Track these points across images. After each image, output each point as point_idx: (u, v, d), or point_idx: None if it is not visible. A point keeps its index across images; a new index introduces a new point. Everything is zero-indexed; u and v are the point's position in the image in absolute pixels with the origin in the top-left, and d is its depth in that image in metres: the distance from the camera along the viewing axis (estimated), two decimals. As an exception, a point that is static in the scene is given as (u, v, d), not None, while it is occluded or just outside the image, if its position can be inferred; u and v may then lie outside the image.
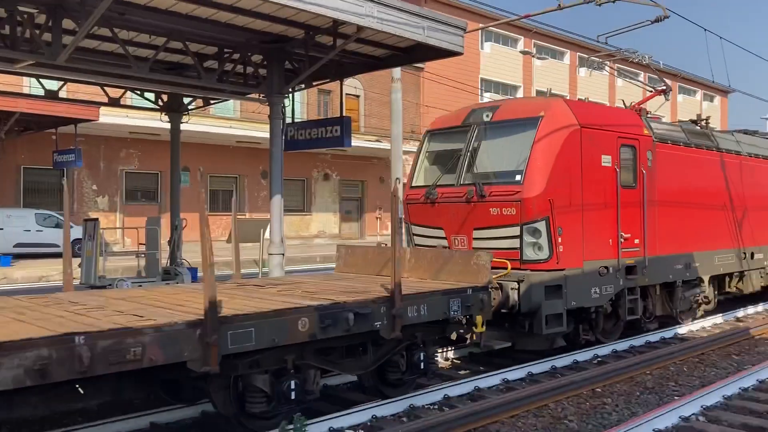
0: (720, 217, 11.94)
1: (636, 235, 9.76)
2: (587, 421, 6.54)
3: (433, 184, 9.61)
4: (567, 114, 9.03)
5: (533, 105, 9.45)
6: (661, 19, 12.00)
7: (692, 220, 11.09)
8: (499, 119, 9.35)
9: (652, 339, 10.35)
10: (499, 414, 6.43)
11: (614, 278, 9.34)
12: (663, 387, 7.79)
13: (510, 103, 10.20)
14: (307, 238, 31.55)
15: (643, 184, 9.91)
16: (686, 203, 10.96)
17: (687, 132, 11.63)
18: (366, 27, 9.01)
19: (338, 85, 12.88)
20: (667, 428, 6.11)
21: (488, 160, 9.25)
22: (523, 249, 8.58)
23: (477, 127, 9.46)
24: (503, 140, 9.22)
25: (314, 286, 7.35)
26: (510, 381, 7.83)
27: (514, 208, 8.58)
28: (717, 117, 65.89)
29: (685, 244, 10.85)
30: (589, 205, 9.02)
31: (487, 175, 9.07)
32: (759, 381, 7.75)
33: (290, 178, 31.01)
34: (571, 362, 8.76)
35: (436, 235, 9.45)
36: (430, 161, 10.18)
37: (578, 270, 8.80)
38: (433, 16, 9.78)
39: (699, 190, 11.37)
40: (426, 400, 6.94)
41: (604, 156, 9.30)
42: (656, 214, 10.17)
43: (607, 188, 9.32)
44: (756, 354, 9.59)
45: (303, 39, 10.58)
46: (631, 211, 9.67)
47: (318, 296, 6.41)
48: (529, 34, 44.96)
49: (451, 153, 9.73)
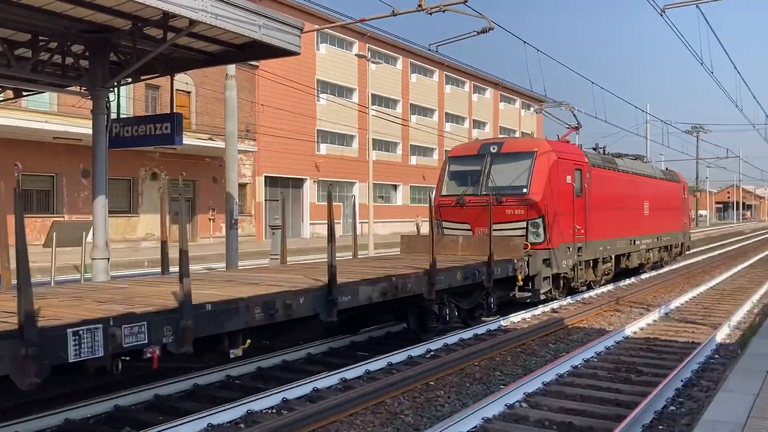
0: (621, 216, 17.07)
1: (582, 227, 14.62)
2: (422, 414, 6.77)
3: (461, 194, 13.76)
4: (550, 150, 13.68)
5: (528, 143, 14.27)
6: (487, 30, 12.77)
7: (607, 218, 16.04)
8: (505, 151, 13.76)
9: (480, 332, 10.97)
10: (338, 414, 6.48)
11: (573, 254, 14.19)
12: (490, 377, 8.27)
13: (510, 141, 14.54)
14: (134, 240, 29.85)
15: (586, 194, 14.83)
16: (605, 207, 15.94)
17: (602, 159, 16.61)
18: (199, 21, 8.69)
19: (168, 80, 12.31)
20: (495, 416, 6.50)
21: (500, 178, 13.52)
22: (528, 236, 12.99)
23: (489, 156, 13.75)
24: (510, 165, 13.55)
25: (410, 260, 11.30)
26: (348, 380, 7.91)
27: (523, 210, 13.06)
28: (534, 125, 71.36)
29: (604, 234, 15.86)
30: (561, 208, 13.66)
31: (501, 188, 13.35)
32: (573, 367, 8.49)
33: (115, 178, 29.18)
34: (406, 358, 9.04)
35: (462, 228, 13.55)
36: (452, 178, 14.37)
37: (557, 249, 13.41)
38: (269, 15, 9.64)
39: (611, 197, 16.41)
40: (264, 404, 6.82)
41: (567, 176, 14.06)
42: (591, 213, 15.02)
43: (569, 197, 14.09)
44: (570, 342, 10.48)
45: (130, 30, 9.99)
46: (580, 212, 14.56)
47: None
48: (364, 39, 45.91)
49: (470, 172, 13.94)
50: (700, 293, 16.06)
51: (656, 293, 16.12)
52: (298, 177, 40.73)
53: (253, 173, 36.64)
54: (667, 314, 12.92)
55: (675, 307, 13.67)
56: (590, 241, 14.93)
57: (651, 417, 6.44)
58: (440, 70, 55.21)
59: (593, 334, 10.93)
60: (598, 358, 9.11)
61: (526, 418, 6.50)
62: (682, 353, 9.27)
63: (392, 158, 50.33)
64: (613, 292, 16.18)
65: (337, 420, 6.42)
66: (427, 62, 53.34)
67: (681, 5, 13.45)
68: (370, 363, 8.51)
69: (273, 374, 8.34)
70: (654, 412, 6.57)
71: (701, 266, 23.23)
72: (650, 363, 8.81)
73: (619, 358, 9.08)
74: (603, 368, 8.53)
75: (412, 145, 52.51)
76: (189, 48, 10.96)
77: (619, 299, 14.36)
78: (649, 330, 11.33)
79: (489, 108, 63.26)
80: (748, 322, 11.68)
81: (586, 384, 7.74)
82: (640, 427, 6.15)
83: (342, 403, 6.62)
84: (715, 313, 13.09)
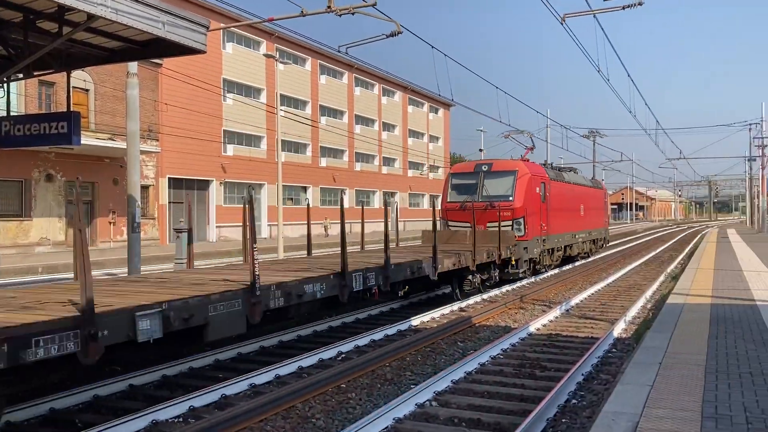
0: (567, 216, 22.27)
1: (546, 224, 19.47)
2: (333, 417, 6.74)
3: (464, 201, 18.25)
4: (525, 169, 18.64)
5: (511, 164, 18.97)
6: (396, 34, 12.89)
7: (560, 218, 21.11)
8: (494, 170, 18.61)
9: (390, 332, 11.05)
10: (248, 420, 6.35)
11: (540, 245, 19.08)
12: (401, 377, 8.35)
13: (497, 162, 19.23)
14: (26, 246, 28.18)
15: (547, 200, 19.72)
16: (558, 209, 20.87)
17: (555, 174, 22.00)
18: (98, 16, 8.28)
19: (65, 76, 11.69)
20: (406, 416, 6.56)
21: (492, 189, 18.32)
22: (513, 230, 17.52)
23: (482, 173, 18.58)
24: (498, 180, 18.37)
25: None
26: (257, 385, 7.78)
27: (509, 212, 17.71)
28: (441, 128, 72.71)
29: (558, 230, 20.97)
30: (533, 210, 18.53)
31: (493, 197, 18.12)
32: (480, 364, 8.69)
33: (4, 179, 27.48)
34: (317, 361, 8.99)
35: (464, 226, 17.37)
36: (453, 189, 19.05)
37: (532, 240, 18.23)
38: (174, 11, 9.32)
39: (561, 202, 21.41)
40: (170, 413, 6.60)
41: (537, 188, 18.98)
42: (550, 214, 19.86)
43: (538, 203, 19.01)
44: (477, 340, 10.73)
45: (21, 23, 9.41)
46: (544, 213, 19.36)
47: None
48: (272, 38, 45.34)
49: (468, 185, 18.72)
50: (598, 290, 16.86)
51: (557, 291, 16.79)
52: (204, 179, 39.72)
53: (156, 175, 35.41)
54: (568, 311, 13.48)
55: (575, 304, 14.28)
56: (550, 235, 20.02)
57: (555, 411, 6.69)
58: (350, 72, 55.35)
59: (499, 332, 11.24)
60: (504, 355, 9.37)
61: (437, 416, 6.59)
62: (583, 348, 9.68)
63: (302, 159, 50.00)
64: (518, 290, 16.72)
65: (247, 426, 6.29)
66: (336, 64, 53.33)
67: (580, 15, 14.07)
68: (280, 367, 8.40)
69: (179, 382, 8.08)
70: (558, 406, 6.82)
71: (599, 265, 24.38)
72: (553, 358, 9.15)
73: (524, 355, 9.38)
74: (509, 365, 8.79)
75: (321, 147, 52.34)
76: (87, 44, 10.45)
77: (523, 297, 14.85)
78: (552, 326, 11.77)
79: (398, 111, 63.96)
80: (643, 317, 12.36)
81: (493, 381, 7.94)
82: (545, 421, 6.37)
83: (252, 409, 6.49)
84: (612, 309, 13.77)
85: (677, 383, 5.77)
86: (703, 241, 34.67)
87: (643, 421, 4.78)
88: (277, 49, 44.51)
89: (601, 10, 14.43)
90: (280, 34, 44.00)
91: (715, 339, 7.70)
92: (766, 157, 47.84)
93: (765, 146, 47.77)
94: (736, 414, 4.92)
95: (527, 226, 17.90)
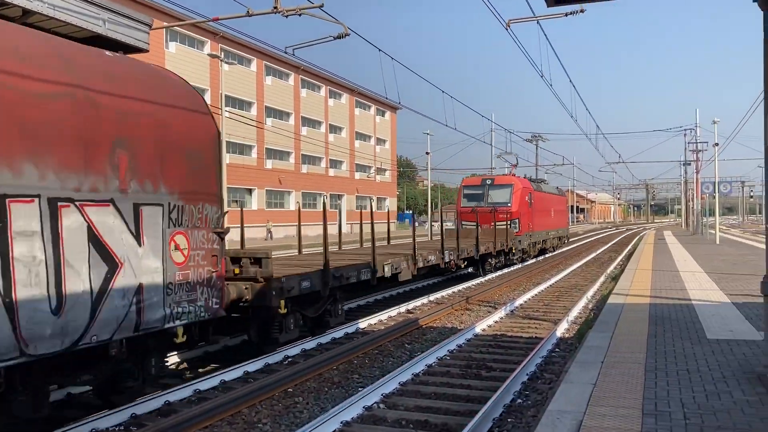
0: (543, 217, 29.46)
1: (532, 223, 26.83)
2: (280, 422, 6.67)
3: (474, 206, 24.09)
4: (519, 183, 26.31)
5: (508, 179, 26.81)
6: (343, 36, 12.85)
7: (539, 219, 28.37)
8: (496, 183, 26.40)
9: (337, 335, 11.01)
10: (192, 427, 6.22)
11: (528, 239, 26.25)
12: (348, 380, 8.32)
13: (498, 177, 27.50)
14: None
15: (532, 205, 26.88)
16: (538, 212, 28.12)
17: (536, 185, 29.45)
18: (34, 12, 8.00)
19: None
20: (354, 419, 6.54)
21: (495, 198, 25.58)
22: (510, 228, 23.68)
23: (487, 186, 26.24)
24: (499, 191, 25.88)
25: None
26: (202, 391, 7.63)
27: (508, 215, 24.25)
28: (388, 130, 73.00)
29: (539, 228, 28.28)
30: (524, 213, 25.76)
31: (496, 203, 24.75)
32: (427, 366, 8.74)
33: None
34: (263, 365, 8.88)
35: (473, 225, 21.31)
36: (464, 197, 26.40)
37: (523, 235, 25.49)
38: (115, 9, 9.07)
39: (540, 207, 28.52)
40: (110, 422, 6.41)
41: (525, 196, 26.20)
42: (534, 215, 27.09)
43: (527, 207, 26.19)
44: (424, 341, 10.79)
45: (-49, 17, 9.00)
46: (530, 215, 26.51)
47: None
48: (216, 38, 44.73)
49: (476, 194, 26.17)
50: (541, 291, 17.18)
51: (503, 292, 17.04)
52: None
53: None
54: (513, 312, 13.69)
55: (519, 305, 14.51)
56: (534, 232, 27.38)
57: (501, 410, 6.77)
58: (296, 74, 55.03)
59: (446, 333, 11.33)
60: (450, 356, 9.45)
61: (385, 418, 6.59)
62: (527, 348, 9.84)
63: (247, 161, 49.43)
64: (464, 291, 16.89)
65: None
66: (282, 65, 52.96)
67: (524, 20, 14.33)
68: (226, 373, 8.27)
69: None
70: (503, 406, 6.91)
71: (541, 266, 24.87)
72: (498, 359, 9.27)
73: (470, 356, 9.47)
74: (456, 366, 8.86)
75: (267, 149, 51.86)
76: (22, 39, 10.07)
77: (468, 298, 15.01)
78: (497, 327, 11.93)
79: (345, 113, 63.92)
80: (584, 317, 12.64)
81: (440, 382, 8.00)
82: (491, 421, 6.44)
83: (197, 415, 6.37)
84: (555, 309, 14.05)
85: (619, 381, 5.92)
86: (641, 242, 35.81)
87: (587, 419, 4.88)
88: (222, 49, 43.95)
89: (545, 16, 14.74)
90: (225, 34, 43.46)
91: (654, 338, 7.94)
92: (701, 161, 49.74)
93: (699, 151, 49.67)
94: (675, 410, 5.08)
95: (521, 225, 25.24)
